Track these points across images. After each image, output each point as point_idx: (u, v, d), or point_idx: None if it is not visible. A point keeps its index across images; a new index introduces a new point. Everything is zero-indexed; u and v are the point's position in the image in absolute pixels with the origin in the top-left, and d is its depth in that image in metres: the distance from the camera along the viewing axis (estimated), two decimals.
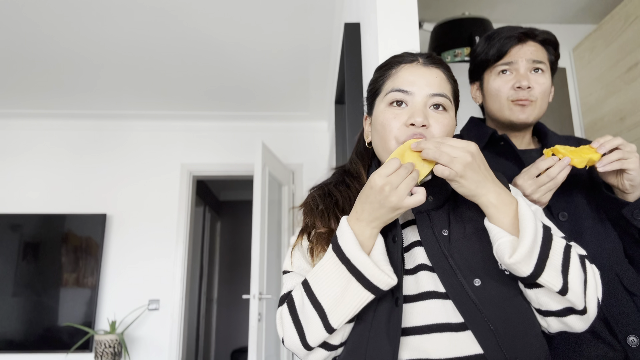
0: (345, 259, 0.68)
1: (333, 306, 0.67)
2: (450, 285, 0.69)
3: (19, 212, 3.57)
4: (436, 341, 0.66)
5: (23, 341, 3.30)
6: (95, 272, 3.47)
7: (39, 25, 2.53)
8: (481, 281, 0.69)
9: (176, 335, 3.46)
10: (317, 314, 0.68)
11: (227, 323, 5.79)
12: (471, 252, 0.72)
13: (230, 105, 3.67)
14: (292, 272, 0.80)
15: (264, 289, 2.85)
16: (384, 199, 0.66)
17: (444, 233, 0.74)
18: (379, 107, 0.81)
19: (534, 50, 1.02)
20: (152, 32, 2.63)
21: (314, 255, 0.78)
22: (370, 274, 0.66)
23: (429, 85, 0.77)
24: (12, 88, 3.29)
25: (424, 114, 0.74)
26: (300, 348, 0.70)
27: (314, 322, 0.68)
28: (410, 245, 0.76)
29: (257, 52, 2.89)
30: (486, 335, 0.65)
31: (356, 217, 0.70)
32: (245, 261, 5.61)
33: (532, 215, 0.66)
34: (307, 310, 0.69)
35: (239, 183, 5.63)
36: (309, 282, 0.71)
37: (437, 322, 0.68)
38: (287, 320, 0.72)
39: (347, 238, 0.68)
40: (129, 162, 3.79)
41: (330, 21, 2.59)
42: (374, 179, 0.67)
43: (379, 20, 1.41)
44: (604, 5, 2.54)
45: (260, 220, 2.88)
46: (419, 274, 0.72)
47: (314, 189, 0.90)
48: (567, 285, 0.64)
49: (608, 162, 0.88)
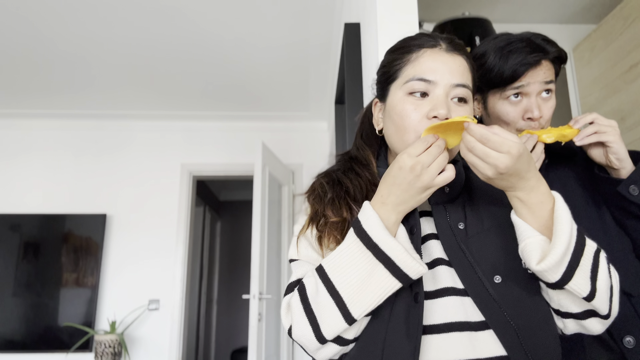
0: (372, 243, 0.63)
1: (354, 295, 0.62)
2: (469, 281, 0.66)
3: (19, 212, 3.57)
4: (455, 341, 0.62)
5: (23, 341, 3.30)
6: (95, 272, 3.47)
7: (38, 25, 2.53)
8: (502, 278, 0.66)
9: (176, 335, 3.46)
10: (335, 303, 0.63)
11: (227, 323, 5.79)
12: (491, 247, 0.69)
13: (231, 105, 3.67)
14: (300, 260, 0.75)
15: (264, 289, 2.85)
16: (415, 179, 0.62)
17: (460, 226, 0.71)
18: (395, 94, 0.74)
19: (546, 71, 0.98)
20: (152, 33, 2.63)
21: (323, 245, 0.73)
22: (400, 260, 0.61)
23: (452, 74, 0.71)
24: (12, 88, 3.29)
25: (447, 105, 0.69)
26: (312, 340, 0.65)
27: (331, 312, 0.63)
28: (424, 238, 0.73)
29: (257, 52, 2.89)
30: (508, 334, 0.62)
31: (381, 201, 0.66)
32: (245, 261, 5.61)
33: (569, 218, 0.61)
34: (322, 299, 0.64)
35: (239, 183, 5.63)
36: (326, 269, 0.66)
37: (456, 321, 0.64)
38: (297, 309, 0.67)
39: (374, 222, 0.64)
40: (129, 162, 3.79)
41: (330, 21, 2.59)
42: (403, 159, 0.63)
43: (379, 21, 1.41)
44: (604, 5, 2.54)
45: (260, 220, 2.88)
46: (437, 269, 0.68)
47: (321, 176, 0.84)
48: (594, 292, 0.61)
49: (585, 136, 0.91)
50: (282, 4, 2.41)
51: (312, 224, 0.77)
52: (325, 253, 0.73)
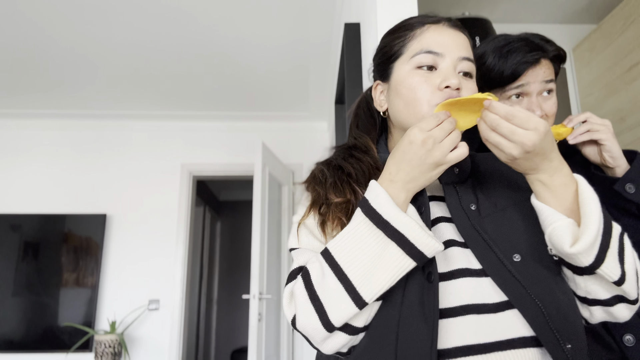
0: (382, 221, 0.59)
1: (364, 276, 0.58)
2: (487, 260, 0.62)
3: (19, 212, 3.57)
4: (473, 324, 0.59)
5: (23, 341, 3.30)
6: (95, 272, 3.47)
7: (38, 25, 2.53)
8: (521, 257, 0.62)
9: (176, 335, 3.46)
10: (343, 286, 0.59)
11: (227, 323, 5.79)
12: (506, 226, 0.66)
13: (231, 105, 3.67)
14: (301, 248, 0.72)
15: (264, 289, 2.85)
16: (426, 154, 0.59)
17: (472, 207, 0.68)
18: (401, 69, 0.73)
19: (546, 70, 0.99)
20: (153, 33, 2.63)
21: (326, 230, 0.70)
22: (415, 237, 0.58)
23: (458, 48, 0.71)
24: (12, 88, 3.29)
25: (458, 76, 0.68)
26: (318, 329, 0.60)
27: (340, 296, 0.59)
28: (433, 221, 0.70)
29: (258, 52, 2.89)
30: (535, 313, 0.58)
31: (389, 178, 0.62)
32: (245, 261, 5.61)
33: (597, 199, 0.60)
34: (329, 283, 0.60)
35: (239, 183, 5.63)
36: (332, 252, 0.61)
37: (473, 303, 0.60)
38: (301, 297, 0.62)
39: (383, 199, 0.60)
40: (129, 162, 3.79)
41: (330, 21, 2.59)
42: (414, 133, 0.60)
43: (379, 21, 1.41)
44: (604, 5, 2.54)
45: (260, 220, 2.88)
46: (449, 250, 0.65)
47: (319, 163, 0.81)
48: (624, 276, 0.59)
49: (578, 134, 0.93)
50: (282, 4, 2.41)
51: (313, 209, 0.73)
52: (328, 240, 0.69)
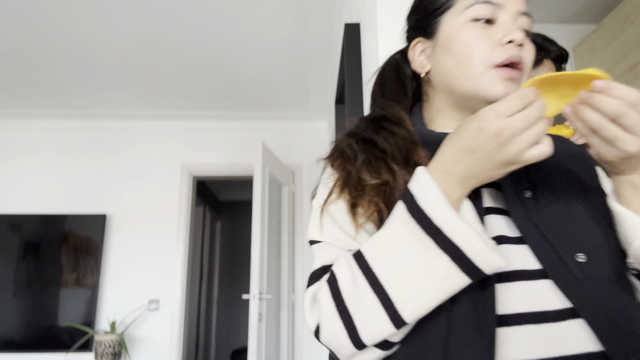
0: (433, 227, 0.48)
1: (406, 292, 0.48)
2: (547, 260, 0.52)
3: (19, 212, 3.57)
4: (532, 335, 0.49)
5: (23, 341, 3.30)
6: (95, 272, 3.47)
7: (38, 25, 2.53)
8: (587, 257, 0.53)
9: (176, 335, 3.46)
10: (380, 301, 0.49)
11: (227, 323, 5.79)
12: (571, 220, 0.56)
13: (230, 105, 3.67)
14: (324, 242, 0.60)
15: (264, 289, 2.85)
16: (498, 149, 0.47)
17: (526, 195, 0.57)
18: (451, 23, 0.62)
19: (548, 70, 1.04)
20: (153, 33, 2.63)
21: (357, 218, 0.58)
22: (473, 251, 0.46)
23: (517, 1, 0.62)
24: (12, 88, 3.29)
25: (521, 31, 0.59)
26: (346, 346, 0.51)
27: (374, 313, 0.49)
28: None
29: (258, 52, 2.89)
30: (604, 324, 0.49)
31: (444, 169, 0.51)
32: (245, 261, 5.61)
33: None
34: (362, 295, 0.50)
35: (239, 183, 5.63)
36: (367, 257, 0.51)
37: (530, 311, 0.50)
38: (327, 306, 0.52)
39: (435, 197, 0.49)
40: (129, 162, 3.79)
41: (330, 21, 2.59)
42: (488, 118, 0.47)
43: (379, 21, 1.41)
44: (604, 5, 2.54)
45: (260, 220, 2.88)
46: (501, 249, 0.54)
47: (346, 135, 0.68)
48: None
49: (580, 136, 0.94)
50: (283, 4, 2.41)
51: (341, 190, 0.60)
52: (359, 230, 0.58)
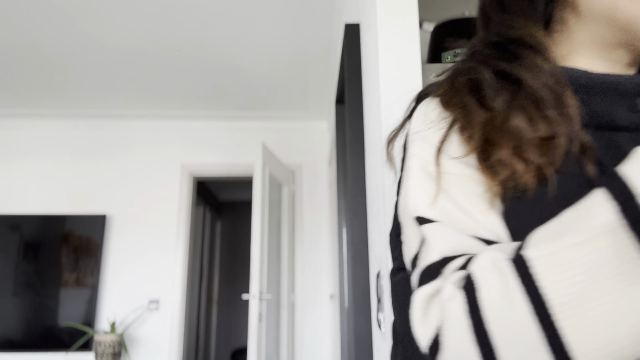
0: None
1: (590, 342, 0.29)
2: None
3: (19, 212, 3.57)
4: None
5: (23, 341, 3.30)
6: (95, 272, 3.47)
7: (38, 25, 2.53)
8: None
9: (176, 335, 3.46)
10: (546, 336, 0.29)
11: (227, 323, 5.80)
12: None
13: (230, 105, 3.68)
14: (440, 223, 0.40)
15: (264, 289, 2.86)
16: None
17: None
18: None
19: None
20: (152, 33, 2.63)
21: (494, 188, 0.39)
22: None
23: None
24: (12, 88, 3.29)
25: None
26: None
27: (533, 350, 0.30)
28: None
29: (257, 52, 2.89)
30: None
31: None
32: (245, 261, 5.61)
33: None
34: (518, 322, 0.30)
35: (239, 183, 5.63)
36: (533, 269, 0.30)
37: None
38: (457, 325, 0.32)
39: None
40: (129, 163, 3.79)
41: (330, 21, 2.59)
42: None
43: (379, 21, 1.41)
44: None
45: (260, 221, 2.88)
46: None
47: (467, 61, 0.48)
48: None
49: None
50: (282, 4, 2.41)
51: (474, 143, 0.41)
52: (490, 210, 0.39)
